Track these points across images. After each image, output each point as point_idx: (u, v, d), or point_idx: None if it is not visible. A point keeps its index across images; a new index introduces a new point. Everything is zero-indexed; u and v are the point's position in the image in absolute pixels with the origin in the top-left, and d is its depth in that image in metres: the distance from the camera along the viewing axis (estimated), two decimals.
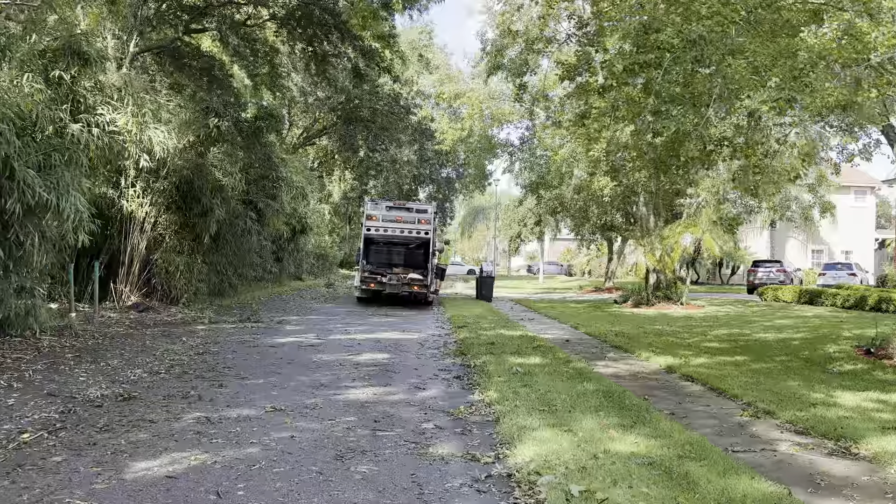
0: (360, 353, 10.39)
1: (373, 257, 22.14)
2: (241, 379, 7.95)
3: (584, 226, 24.36)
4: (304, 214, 24.72)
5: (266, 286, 23.24)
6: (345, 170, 41.66)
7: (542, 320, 17.26)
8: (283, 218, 19.76)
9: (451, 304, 22.12)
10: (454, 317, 16.93)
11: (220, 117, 14.54)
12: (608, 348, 11.97)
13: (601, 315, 18.85)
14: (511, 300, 25.21)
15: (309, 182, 28.15)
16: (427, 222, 21.86)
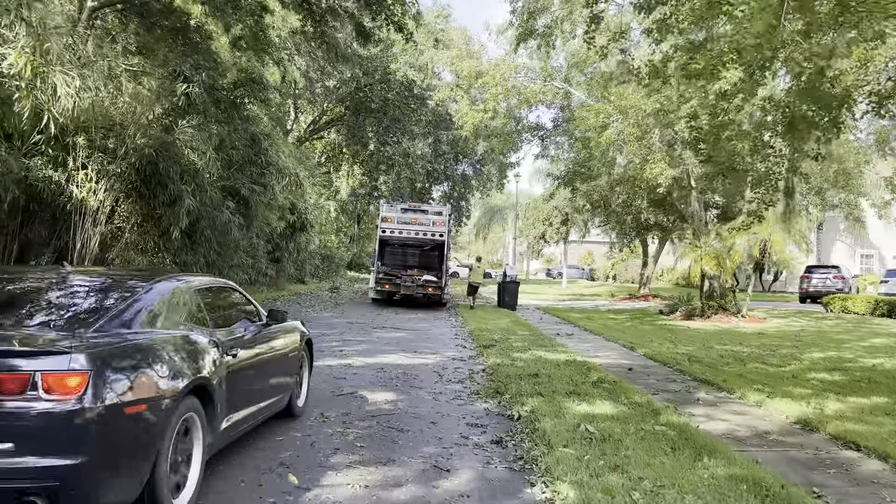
0: (354, 390, 7.43)
1: (387, 259, 22.25)
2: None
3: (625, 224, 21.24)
4: (303, 209, 21.84)
5: (260, 290, 20.36)
6: (353, 164, 38.79)
7: (583, 336, 14.22)
8: (275, 211, 16.89)
9: (470, 312, 19.16)
10: (477, 331, 13.94)
11: (190, 82, 11.66)
12: (690, 382, 8.92)
13: (651, 330, 15.76)
14: (537, 308, 22.18)
15: (311, 174, 25.28)
16: (442, 224, 21.64)
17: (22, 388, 2.93)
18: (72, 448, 2.95)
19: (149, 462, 3.33)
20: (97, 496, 3.10)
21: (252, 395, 4.80)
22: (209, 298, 4.71)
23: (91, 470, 3.01)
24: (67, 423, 2.94)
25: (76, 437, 2.96)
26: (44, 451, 2.92)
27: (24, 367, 2.97)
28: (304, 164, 24.37)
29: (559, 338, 13.49)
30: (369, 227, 49.29)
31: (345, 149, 37.30)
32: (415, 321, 16.32)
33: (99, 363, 3.07)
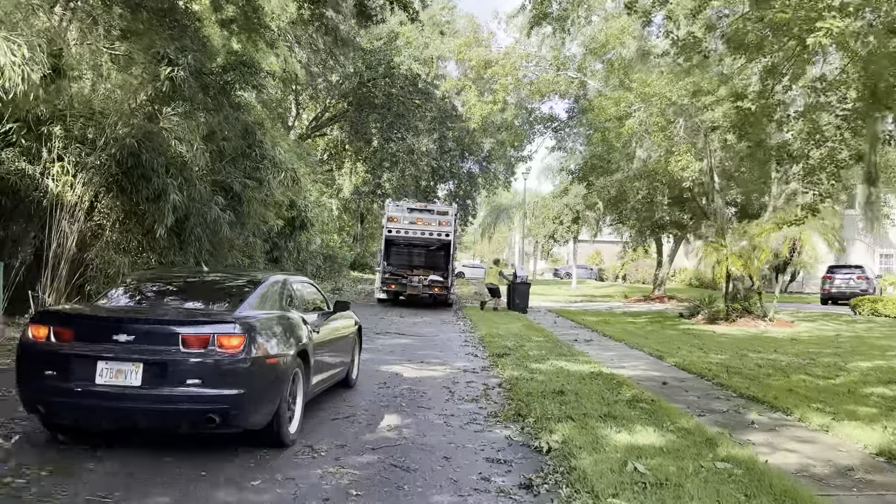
0: (352, 413, 6.38)
1: (393, 259, 22.00)
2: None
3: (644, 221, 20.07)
4: (303, 207, 20.78)
5: None
6: (356, 162, 37.74)
7: (603, 342, 13.12)
8: (272, 209, 15.83)
9: (479, 314, 18.09)
10: (488, 337, 12.88)
11: (175, 66, 10.62)
12: (737, 400, 7.82)
13: (676, 335, 14.66)
14: (549, 311, 21.09)
15: (313, 171, 24.21)
16: (448, 224, 21.26)
17: (205, 344, 4.46)
18: (235, 384, 4.46)
19: (278, 397, 4.83)
20: (248, 417, 4.62)
21: (326, 364, 6.28)
22: (298, 290, 6.32)
23: (247, 399, 4.53)
24: (233, 368, 4.47)
25: (238, 377, 4.48)
26: (219, 385, 4.42)
27: (206, 331, 4.53)
28: (304, 161, 23.30)
29: (578, 344, 12.41)
30: (373, 227, 48.24)
31: (347, 146, 36.26)
32: (420, 325, 15.27)
33: (250, 330, 4.63)
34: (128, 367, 4.40)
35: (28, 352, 4.63)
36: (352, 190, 36.87)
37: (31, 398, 4.59)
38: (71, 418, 4.67)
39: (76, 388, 4.40)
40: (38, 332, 4.59)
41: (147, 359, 4.43)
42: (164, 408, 4.47)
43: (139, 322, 4.75)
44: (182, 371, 4.43)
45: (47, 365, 4.50)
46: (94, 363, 4.41)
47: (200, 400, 4.43)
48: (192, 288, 5.99)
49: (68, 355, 4.49)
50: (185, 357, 4.45)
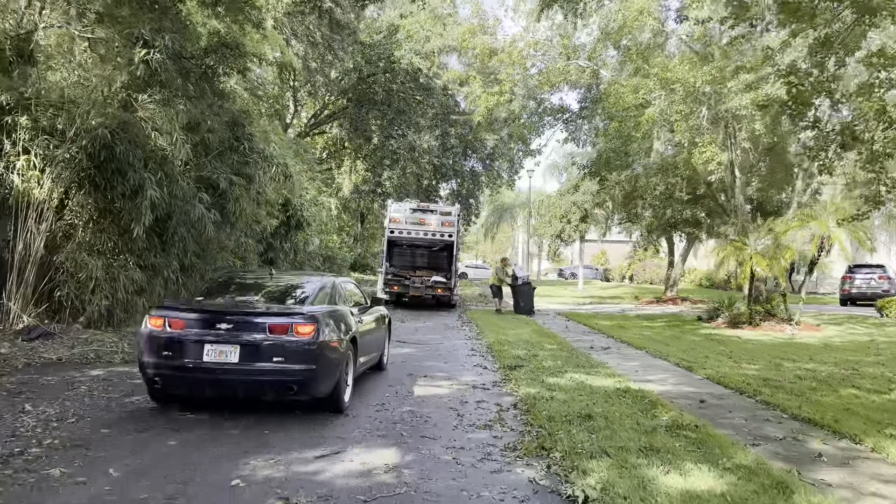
0: (340, 448, 5.34)
1: (396, 260, 21.91)
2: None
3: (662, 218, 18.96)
4: (299, 206, 19.75)
5: None
6: (356, 160, 36.71)
7: (623, 350, 12.06)
8: (264, 207, 14.78)
9: (485, 318, 17.04)
10: (496, 344, 11.84)
11: (150, 48, 9.59)
12: (790, 422, 6.77)
13: (699, 341, 13.60)
14: (557, 314, 20.04)
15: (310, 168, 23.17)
16: (451, 225, 20.96)
17: (285, 331, 5.89)
18: (308, 361, 5.88)
19: (338, 373, 6.26)
20: (317, 387, 6.05)
21: (367, 349, 7.50)
22: (344, 288, 7.60)
23: (317, 373, 5.97)
24: (307, 349, 5.88)
25: (310, 356, 5.89)
26: (297, 362, 5.85)
27: (286, 321, 5.97)
28: (301, 157, 22.29)
29: (595, 353, 11.36)
30: (374, 227, 47.20)
31: (347, 143, 35.24)
32: (424, 331, 14.23)
33: (318, 320, 6.06)
34: (228, 347, 5.79)
35: (149, 337, 5.94)
36: (351, 189, 35.86)
37: (152, 373, 5.94)
38: (183, 388, 6.08)
39: (188, 364, 5.80)
40: (156, 322, 5.96)
41: (242, 341, 5.82)
42: (255, 379, 5.84)
43: (236, 314, 6.07)
44: (269, 351, 5.81)
45: (165, 347, 5.86)
46: (202, 345, 5.79)
47: (282, 373, 5.82)
48: (265, 287, 7.34)
49: (182, 339, 5.87)
50: (271, 341, 5.83)
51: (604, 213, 26.07)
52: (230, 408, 6.28)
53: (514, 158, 35.38)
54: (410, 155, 31.84)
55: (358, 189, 35.27)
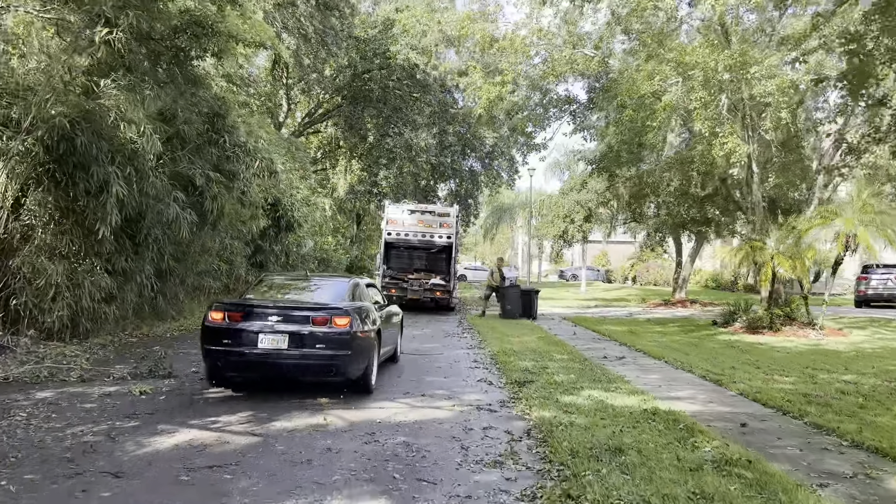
0: (319, 499, 4.30)
1: (393, 262, 21.39)
2: None
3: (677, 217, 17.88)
4: (289, 206, 18.69)
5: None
6: (351, 159, 35.66)
7: (640, 360, 11.02)
8: (249, 207, 13.73)
9: (487, 326, 16.00)
10: (501, 354, 10.81)
11: (113, 26, 8.55)
12: (851, 450, 5.74)
13: (719, 349, 12.59)
14: (563, 318, 19.01)
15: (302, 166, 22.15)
16: (450, 226, 20.34)
17: (326, 322, 6.96)
18: (345, 348, 6.95)
19: (367, 358, 7.37)
20: (351, 370, 7.12)
21: (386, 341, 8.63)
22: (366, 287, 8.99)
23: (352, 357, 7.04)
24: (343, 337, 6.94)
25: (346, 343, 6.96)
26: (335, 349, 6.92)
27: (325, 314, 7.04)
28: (292, 155, 21.27)
29: (610, 363, 10.33)
30: (371, 228, 46.17)
31: (342, 142, 34.19)
32: (421, 339, 13.20)
33: (353, 313, 7.13)
34: (278, 336, 6.83)
35: (211, 329, 7.01)
36: (347, 189, 34.80)
37: (213, 359, 7.10)
38: (240, 370, 7.18)
39: (246, 351, 6.87)
40: (217, 315, 7.01)
41: (290, 331, 6.85)
42: (301, 362, 6.91)
43: (284, 308, 7.17)
44: (312, 339, 6.88)
45: (225, 336, 6.91)
46: (257, 334, 6.85)
47: (323, 358, 6.90)
48: (302, 286, 8.75)
49: (240, 329, 6.90)
50: (313, 330, 6.88)
51: (608, 213, 25.08)
52: (191, 458, 5.24)
53: (514, 157, 34.34)
54: (407, 154, 30.79)
55: (353, 189, 34.20)
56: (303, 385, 7.59)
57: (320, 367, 6.98)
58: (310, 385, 7.60)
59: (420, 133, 30.50)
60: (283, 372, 7.07)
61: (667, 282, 40.23)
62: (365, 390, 7.42)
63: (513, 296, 18.14)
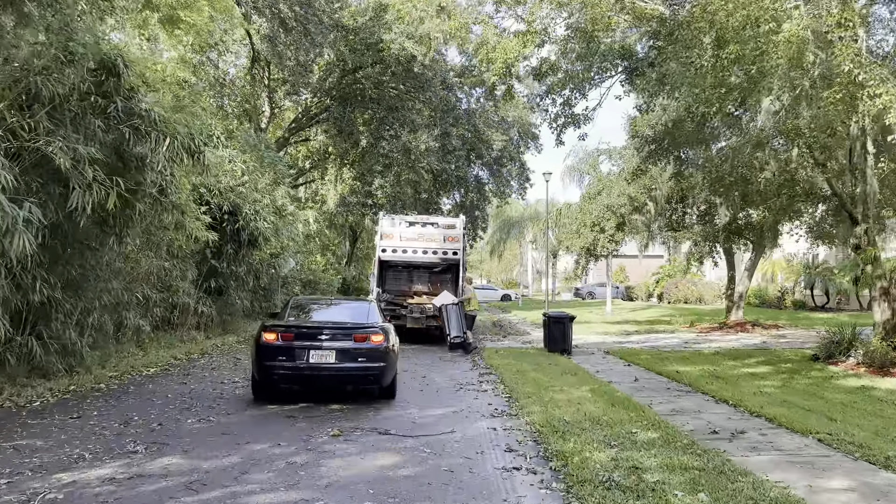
0: None
1: (390, 284, 18.05)
2: None
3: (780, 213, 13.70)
4: (251, 215, 14.64)
5: (171, 342, 13.25)
6: (342, 167, 31.75)
7: (768, 434, 6.80)
8: (171, 211, 9.71)
9: (507, 362, 11.84)
10: (549, 430, 6.68)
11: None
12: None
13: (862, 403, 8.41)
14: (605, 351, 14.85)
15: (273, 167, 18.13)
16: (456, 240, 17.12)
17: (365, 339, 8.28)
18: (381, 360, 8.29)
19: (395, 369, 8.75)
20: (385, 379, 8.46)
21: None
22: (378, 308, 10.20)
23: (386, 368, 8.38)
24: (380, 351, 8.26)
25: (382, 356, 8.29)
26: (374, 361, 8.23)
27: (365, 332, 8.41)
28: (258, 153, 17.32)
29: (730, 446, 6.19)
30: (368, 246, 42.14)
31: (331, 148, 30.30)
32: (420, 397, 9.09)
33: (385, 331, 8.60)
34: (326, 352, 8.10)
35: (266, 346, 8.14)
36: (337, 201, 30.87)
37: (269, 372, 8.17)
38: (293, 382, 8.33)
39: (300, 365, 8.09)
40: (270, 336, 8.17)
41: (336, 347, 8.15)
42: (345, 374, 8.26)
43: (330, 328, 8.51)
44: (355, 353, 8.20)
45: (280, 353, 8.10)
46: (307, 350, 8.11)
47: (364, 369, 8.25)
48: (328, 307, 10.82)
49: (292, 347, 8.14)
50: (356, 346, 8.23)
51: (644, 220, 21.05)
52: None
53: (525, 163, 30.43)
54: (405, 159, 26.87)
55: (345, 201, 30.21)
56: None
57: (361, 377, 8.31)
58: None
59: (420, 135, 26.60)
60: (330, 382, 8.31)
61: (699, 299, 36.03)
62: (391, 396, 8.75)
63: (560, 329, 14.11)
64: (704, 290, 35.91)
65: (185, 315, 14.28)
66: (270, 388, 8.37)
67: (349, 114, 27.94)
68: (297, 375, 8.10)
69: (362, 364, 8.10)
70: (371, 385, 8.41)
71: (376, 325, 8.56)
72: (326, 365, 8.00)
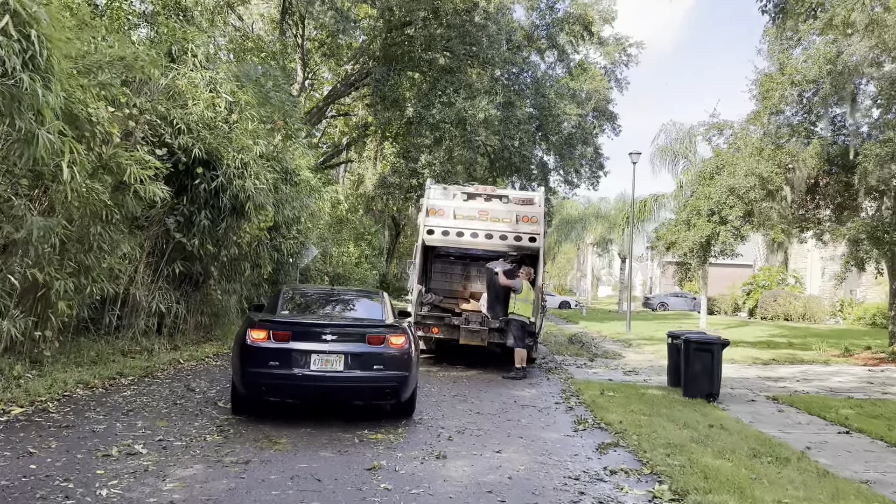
0: None
1: (437, 281, 13.28)
2: None
3: None
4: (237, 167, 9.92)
5: (101, 356, 8.66)
6: (383, 140, 27.01)
7: None
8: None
9: (627, 410, 6.77)
10: None
11: None
12: None
13: None
14: (767, 396, 9.60)
15: (282, 108, 13.32)
16: (535, 220, 11.74)
17: (382, 341, 6.41)
18: (403, 368, 6.41)
19: (416, 380, 6.79)
20: (406, 392, 6.55)
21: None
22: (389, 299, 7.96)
23: (408, 379, 6.48)
24: (401, 357, 6.40)
25: (404, 363, 6.41)
26: (393, 369, 6.36)
27: (382, 332, 6.53)
28: (259, 85, 12.61)
29: None
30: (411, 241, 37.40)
31: (371, 118, 25.54)
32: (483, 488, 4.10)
33: (407, 332, 6.67)
34: (333, 357, 6.29)
35: (252, 349, 6.26)
36: (376, 181, 26.14)
37: (256, 382, 6.28)
38: (289, 394, 6.50)
39: (298, 373, 6.20)
40: (259, 334, 6.29)
41: (347, 351, 6.32)
42: (356, 385, 6.40)
43: (339, 326, 6.65)
44: (370, 360, 6.39)
45: (271, 357, 6.23)
46: (309, 355, 6.26)
47: (381, 380, 6.40)
48: (331, 300, 7.75)
49: (289, 350, 6.24)
50: (371, 350, 6.40)
51: (779, 208, 15.57)
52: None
53: (599, 147, 25.15)
54: (459, 131, 22.01)
55: (385, 182, 25.38)
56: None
57: (376, 390, 6.51)
58: None
59: (479, 101, 21.68)
60: (337, 396, 6.61)
61: (803, 316, 29.97)
62: (409, 413, 6.99)
63: (704, 359, 8.90)
64: (812, 305, 29.84)
65: (132, 314, 9.64)
66: (256, 401, 6.55)
67: (394, 77, 23.28)
68: (293, 387, 6.36)
69: (378, 373, 6.40)
70: (386, 400, 6.68)
71: (398, 324, 6.82)
72: (333, 374, 6.28)
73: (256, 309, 7.89)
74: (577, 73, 27.98)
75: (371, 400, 6.71)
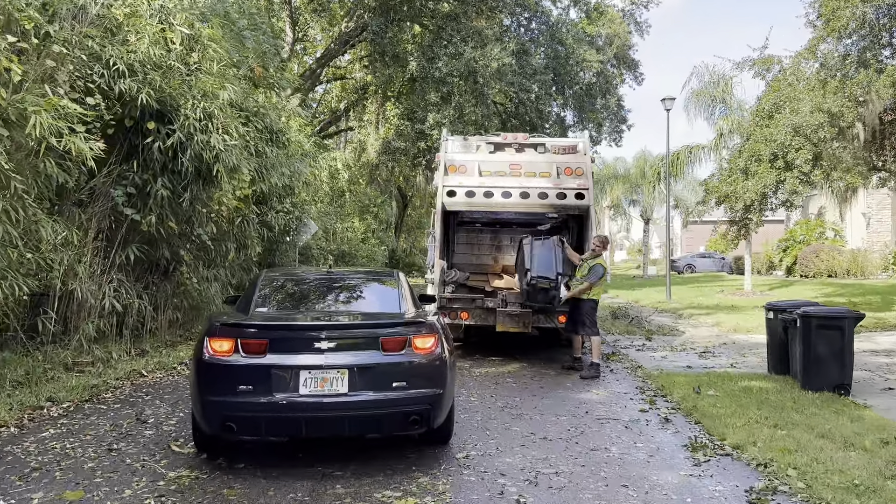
0: None
1: (461, 255, 10.72)
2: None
3: None
4: (198, 117, 7.72)
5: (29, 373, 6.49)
6: (385, 101, 24.56)
7: None
8: None
9: (747, 422, 4.61)
10: None
11: None
12: None
13: None
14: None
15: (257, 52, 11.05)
16: (580, 173, 9.22)
17: (402, 345, 4.36)
18: (436, 383, 4.40)
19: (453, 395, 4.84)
20: (442, 415, 4.54)
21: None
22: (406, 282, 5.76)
23: (444, 397, 4.47)
24: (432, 367, 4.42)
25: (438, 376, 4.42)
26: (419, 386, 4.33)
27: (399, 332, 4.45)
28: (231, 22, 10.31)
29: None
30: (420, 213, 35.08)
31: (370, 76, 23.06)
32: None
33: (439, 329, 4.61)
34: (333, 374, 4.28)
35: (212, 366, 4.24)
36: (379, 148, 23.77)
37: (219, 415, 4.21)
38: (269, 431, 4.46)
39: (280, 401, 4.15)
40: (221, 345, 4.23)
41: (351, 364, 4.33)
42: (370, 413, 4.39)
43: (335, 328, 4.58)
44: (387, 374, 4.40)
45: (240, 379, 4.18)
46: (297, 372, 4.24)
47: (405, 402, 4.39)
48: (329, 287, 5.57)
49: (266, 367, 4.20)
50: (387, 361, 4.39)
51: (852, 148, 13.21)
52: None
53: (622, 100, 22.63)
54: (470, 85, 19.62)
55: (389, 147, 22.98)
56: None
57: (397, 418, 4.34)
58: None
59: (490, 49, 19.25)
60: (339, 429, 4.39)
61: (849, 271, 27.63)
62: (444, 440, 4.99)
63: (836, 344, 6.67)
64: (860, 259, 27.44)
65: (78, 316, 7.49)
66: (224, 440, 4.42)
67: (393, 28, 20.85)
68: (276, 421, 4.19)
69: (400, 393, 4.22)
70: (412, 430, 4.41)
71: (422, 320, 4.59)
72: (333, 399, 4.14)
73: (230, 303, 5.85)
74: (594, 16, 25.33)
75: (390, 431, 4.61)
